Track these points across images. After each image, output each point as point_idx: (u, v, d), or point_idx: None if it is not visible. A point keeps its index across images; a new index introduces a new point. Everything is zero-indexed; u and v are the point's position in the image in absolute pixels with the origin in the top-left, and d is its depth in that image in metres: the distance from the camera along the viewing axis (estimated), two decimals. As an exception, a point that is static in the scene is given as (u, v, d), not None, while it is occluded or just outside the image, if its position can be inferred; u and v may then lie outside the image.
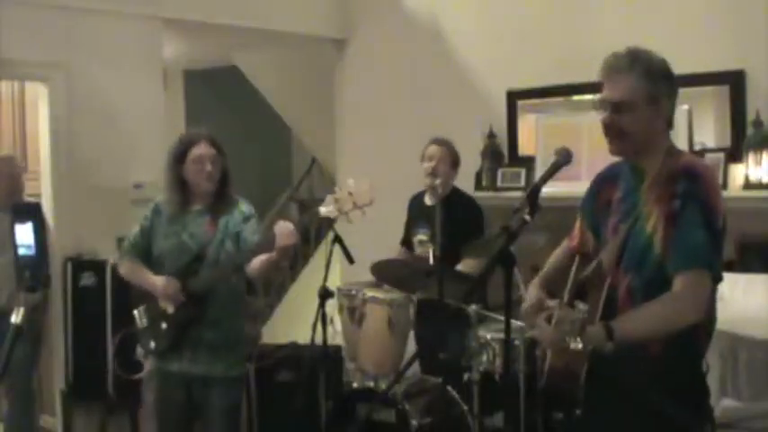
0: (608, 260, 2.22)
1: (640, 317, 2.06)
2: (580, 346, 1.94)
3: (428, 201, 4.17)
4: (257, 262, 3.17)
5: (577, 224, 2.43)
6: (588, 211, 2.38)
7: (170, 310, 3.25)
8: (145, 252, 3.37)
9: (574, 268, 2.32)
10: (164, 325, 3.28)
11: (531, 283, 2.44)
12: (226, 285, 3.26)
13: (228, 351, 3.28)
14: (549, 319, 2.04)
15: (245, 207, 3.34)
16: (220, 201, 3.31)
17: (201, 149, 3.27)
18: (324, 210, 3.00)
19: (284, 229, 3.01)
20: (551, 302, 2.18)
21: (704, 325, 2.17)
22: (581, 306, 2.00)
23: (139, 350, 3.42)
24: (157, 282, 3.26)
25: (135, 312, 3.37)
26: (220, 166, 3.30)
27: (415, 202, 4.30)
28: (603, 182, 2.36)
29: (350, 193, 2.96)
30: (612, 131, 2.17)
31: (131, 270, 3.40)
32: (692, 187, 2.09)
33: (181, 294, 3.21)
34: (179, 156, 3.29)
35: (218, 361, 3.25)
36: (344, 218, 2.99)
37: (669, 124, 2.23)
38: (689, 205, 2.07)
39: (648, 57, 2.19)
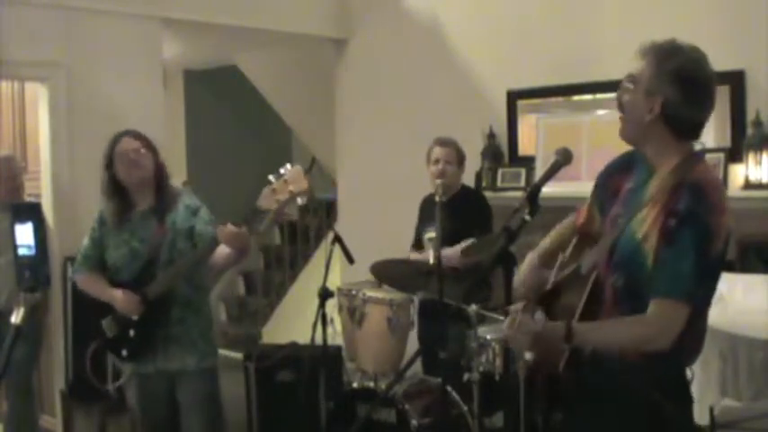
0: (600, 254, 2.19)
1: (604, 330, 2.08)
2: (528, 356, 2.00)
3: (438, 198, 4.16)
4: (220, 255, 3.17)
5: (587, 204, 2.39)
6: (600, 192, 2.33)
7: (134, 317, 3.26)
8: (98, 262, 3.37)
9: (557, 265, 2.29)
10: (132, 332, 3.29)
11: (528, 257, 2.41)
12: (186, 282, 3.26)
13: (198, 343, 3.29)
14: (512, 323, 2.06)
15: (189, 200, 3.34)
16: (162, 198, 3.30)
17: (123, 145, 3.28)
18: (263, 203, 2.95)
19: (229, 236, 3.00)
20: (514, 306, 2.15)
21: (686, 350, 2.12)
22: (538, 315, 2.02)
23: (113, 359, 3.42)
24: (115, 296, 3.26)
25: (103, 323, 3.36)
26: (151, 158, 3.29)
27: (426, 202, 4.28)
28: (617, 168, 2.30)
29: (285, 182, 2.92)
30: (618, 107, 2.17)
31: (88, 283, 3.40)
32: (693, 207, 2.01)
33: (140, 305, 3.22)
34: (108, 159, 3.30)
35: (189, 354, 3.27)
36: (283, 210, 2.96)
37: (686, 134, 2.15)
38: (685, 228, 2.00)
39: (672, 54, 2.14)
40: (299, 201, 2.94)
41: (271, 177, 2.95)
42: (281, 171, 2.94)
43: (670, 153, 2.12)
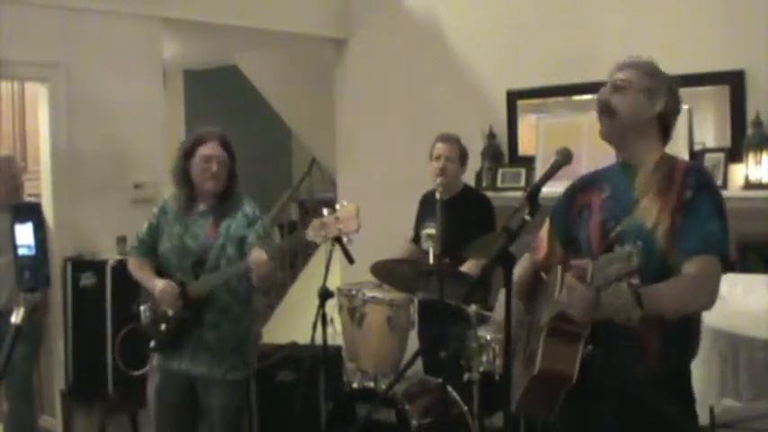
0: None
1: (666, 291, 2.02)
2: (636, 281, 1.88)
3: (439, 196, 4.15)
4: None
5: (544, 235, 2.41)
6: (561, 220, 2.37)
7: (170, 312, 3.27)
8: (151, 249, 3.39)
9: (560, 270, 2.29)
10: (163, 326, 3.30)
11: (500, 294, 2.40)
12: (226, 290, 3.25)
13: (228, 354, 3.26)
14: (581, 279, 1.95)
15: (249, 209, 3.31)
16: (224, 203, 3.29)
17: (210, 149, 3.26)
18: (311, 234, 2.97)
19: (258, 261, 3.01)
20: (579, 261, 2.05)
21: (696, 324, 2.18)
22: (626, 247, 1.88)
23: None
24: (156, 285, 3.26)
25: (141, 308, 3.39)
26: (228, 169, 3.29)
27: (427, 198, 4.26)
28: (580, 189, 2.36)
29: (337, 218, 2.93)
30: (602, 108, 2.23)
31: (137, 268, 3.42)
32: (703, 179, 2.14)
33: (178, 300, 3.22)
34: (188, 151, 3.29)
35: (217, 363, 3.25)
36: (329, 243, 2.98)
37: (666, 133, 2.25)
38: (702, 195, 2.10)
39: (659, 68, 2.26)
40: (345, 239, 2.96)
41: (325, 210, 2.97)
42: (337, 206, 2.95)
43: (653, 151, 2.22)
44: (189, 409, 3.33)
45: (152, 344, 3.34)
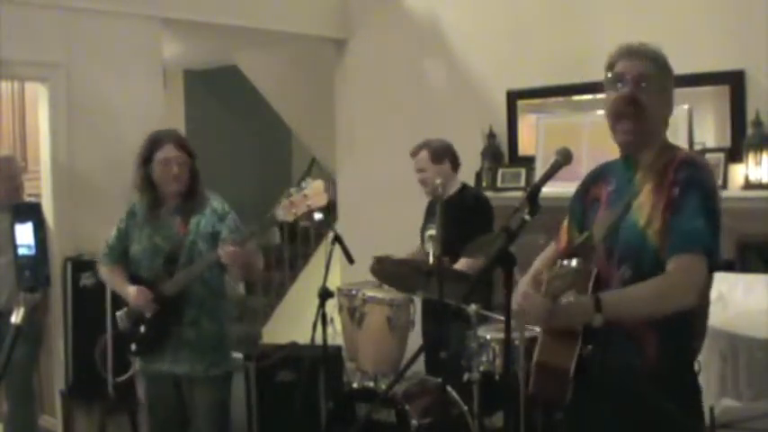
0: (598, 252, 2.20)
1: (631, 294, 2.04)
2: (572, 298, 1.97)
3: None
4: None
5: (564, 226, 2.41)
6: (577, 212, 2.36)
7: (147, 314, 3.28)
8: (122, 254, 3.40)
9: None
10: (142, 328, 3.31)
11: (521, 281, 2.43)
12: (202, 284, 3.27)
13: (209, 350, 3.30)
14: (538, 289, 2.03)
15: (217, 204, 3.34)
16: (190, 201, 3.31)
17: (167, 152, 3.27)
18: (281, 214, 3.00)
19: (229, 256, 3.06)
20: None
21: (698, 323, 2.15)
22: (572, 262, 1.98)
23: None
24: (129, 292, 3.29)
25: (117, 315, 3.40)
26: (188, 168, 3.31)
27: (430, 205, 4.24)
28: (592, 181, 2.35)
29: (305, 196, 2.95)
30: (632, 106, 2.14)
31: (109, 276, 3.45)
32: (692, 174, 2.09)
33: (153, 303, 3.24)
34: (146, 156, 3.31)
35: (199, 360, 3.27)
36: (301, 220, 3.02)
37: (667, 123, 2.23)
38: (689, 192, 2.06)
39: (661, 53, 2.23)
40: (317, 216, 2.98)
41: (291, 189, 2.99)
42: (303, 185, 2.98)
43: (657, 143, 2.19)
44: (180, 408, 3.35)
45: (132, 348, 3.36)
